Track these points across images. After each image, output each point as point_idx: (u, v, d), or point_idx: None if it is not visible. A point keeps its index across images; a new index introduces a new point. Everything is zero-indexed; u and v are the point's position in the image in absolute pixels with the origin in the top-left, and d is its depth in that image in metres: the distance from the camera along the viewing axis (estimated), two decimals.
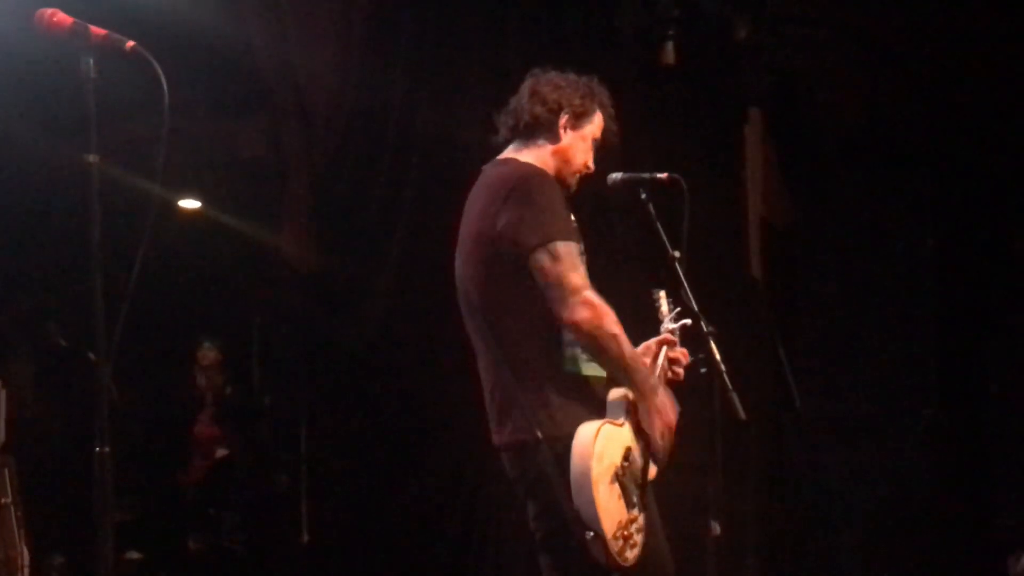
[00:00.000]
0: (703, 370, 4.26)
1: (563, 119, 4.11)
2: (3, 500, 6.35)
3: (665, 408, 3.97)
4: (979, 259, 7.19)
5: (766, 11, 6.83)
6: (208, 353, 9.30)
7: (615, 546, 3.77)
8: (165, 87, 3.34)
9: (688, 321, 4.28)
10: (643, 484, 3.95)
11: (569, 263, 3.85)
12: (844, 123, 7.29)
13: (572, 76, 4.20)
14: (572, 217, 4.04)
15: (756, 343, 7.08)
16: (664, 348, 4.25)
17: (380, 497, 7.73)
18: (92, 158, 3.31)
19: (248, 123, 8.95)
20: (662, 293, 4.36)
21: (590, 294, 3.85)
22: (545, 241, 3.86)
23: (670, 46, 6.71)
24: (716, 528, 4.51)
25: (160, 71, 3.33)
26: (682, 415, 4.12)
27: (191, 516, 8.98)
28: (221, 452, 9.11)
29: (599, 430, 3.82)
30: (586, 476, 3.74)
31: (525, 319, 3.93)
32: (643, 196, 4.41)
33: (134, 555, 8.41)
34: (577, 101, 4.13)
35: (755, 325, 7.16)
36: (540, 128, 4.12)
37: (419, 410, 7.60)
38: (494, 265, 3.96)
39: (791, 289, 7.50)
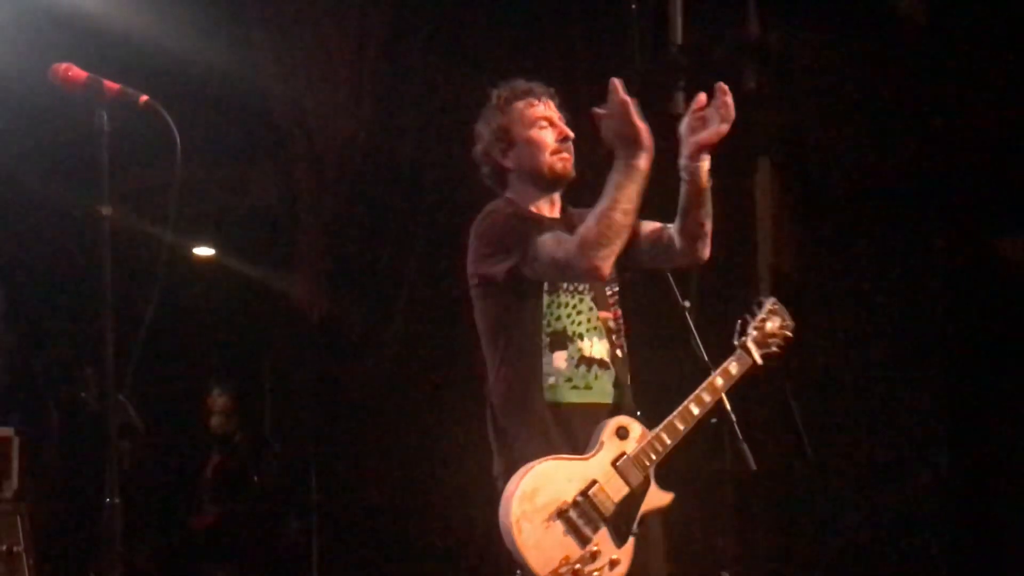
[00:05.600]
0: (713, 420, 4.25)
1: (496, 155, 4.12)
2: (16, 548, 6.36)
3: (642, 139, 3.86)
4: (989, 306, 7.19)
5: (774, 61, 6.86)
6: (219, 398, 9.30)
7: None
8: (178, 139, 3.38)
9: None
10: (619, 517, 3.84)
11: (548, 249, 3.83)
12: (853, 171, 7.30)
13: (486, 109, 4.20)
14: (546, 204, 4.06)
15: (767, 392, 7.06)
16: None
17: (391, 541, 7.73)
18: (105, 210, 3.35)
19: (260, 170, 9.02)
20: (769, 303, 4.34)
21: (575, 243, 3.78)
22: (515, 266, 3.88)
23: (679, 96, 6.75)
24: None
25: (172, 124, 3.37)
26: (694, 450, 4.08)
27: (202, 560, 8.97)
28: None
29: (530, 468, 3.77)
30: (507, 517, 3.73)
31: (504, 351, 3.96)
32: None
33: None
34: (495, 129, 4.12)
35: (765, 374, 7.14)
36: (498, 177, 4.15)
37: (429, 454, 7.61)
38: (477, 300, 4.04)
39: (801, 337, 7.47)
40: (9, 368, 8.38)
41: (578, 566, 3.74)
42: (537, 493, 3.74)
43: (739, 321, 4.24)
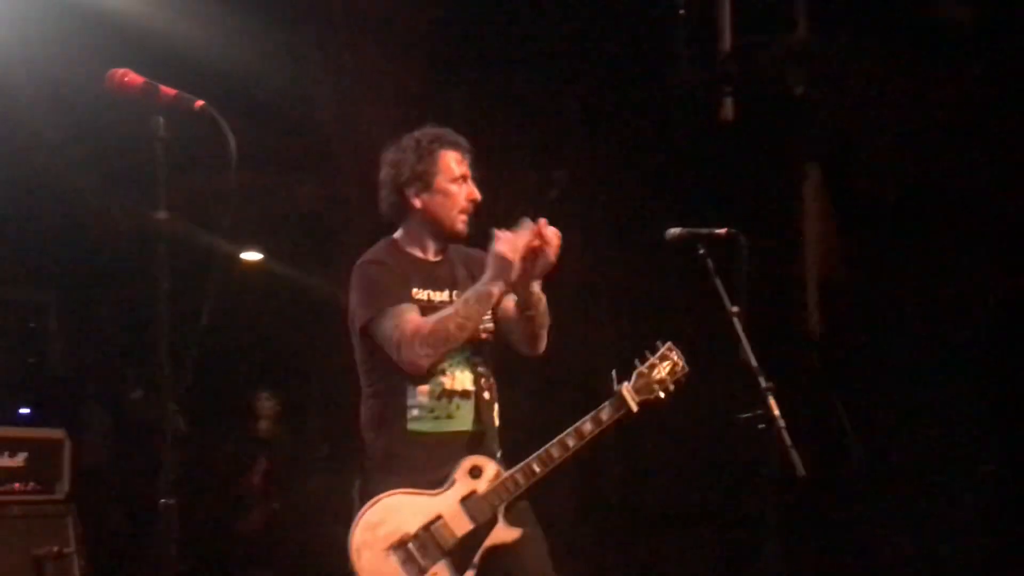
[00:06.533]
0: (761, 426, 4.25)
1: (409, 194, 4.28)
2: (66, 549, 6.41)
3: (504, 254, 4.06)
4: None
5: (823, 68, 6.85)
6: (266, 403, 9.35)
7: None
8: (233, 145, 3.40)
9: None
10: (459, 551, 4.06)
11: (387, 327, 4.10)
12: (901, 178, 7.27)
13: (407, 140, 4.34)
14: (428, 275, 4.24)
15: (815, 399, 7.05)
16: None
17: None
18: (162, 215, 3.38)
19: (309, 176, 9.07)
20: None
21: (406, 334, 4.06)
22: (368, 322, 4.14)
23: (729, 103, 6.75)
24: None
25: (228, 129, 3.39)
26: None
27: (249, 565, 9.01)
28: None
29: (378, 500, 4.06)
30: (350, 543, 4.03)
31: (374, 386, 4.24)
32: (701, 251, 4.43)
33: None
34: (416, 168, 4.28)
35: (813, 381, 7.13)
36: (398, 210, 4.33)
37: None
38: (354, 337, 4.27)
39: (849, 344, 7.46)
40: (61, 371, 8.46)
41: None
42: (381, 524, 4.04)
43: (613, 371, 4.30)
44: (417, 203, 4.28)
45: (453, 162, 4.31)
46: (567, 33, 7.66)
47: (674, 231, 4.48)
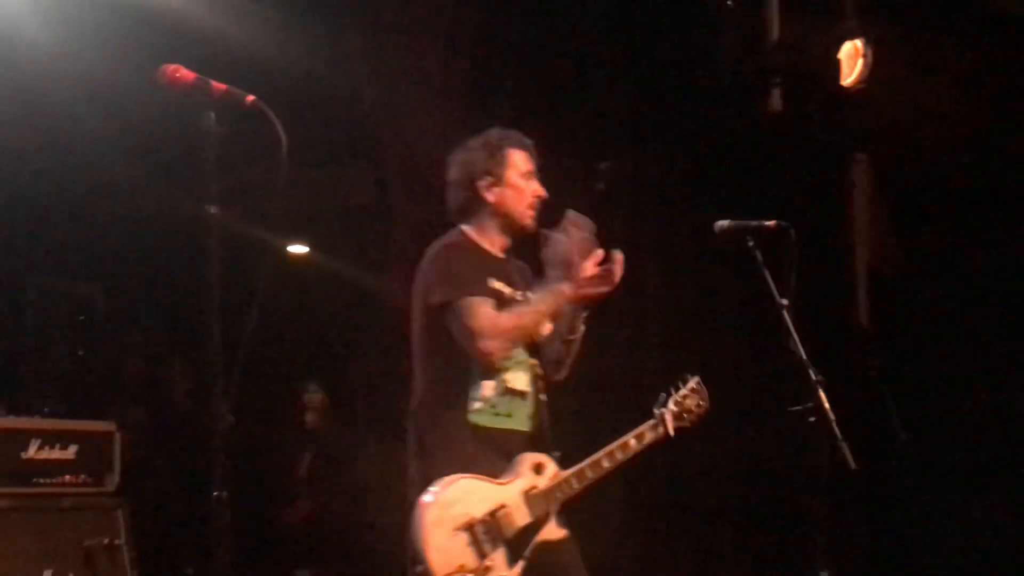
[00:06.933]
0: (812, 419, 4.24)
1: (482, 188, 4.41)
2: (116, 541, 6.46)
3: (574, 273, 4.26)
4: None
5: (872, 58, 6.80)
6: (314, 395, 9.39)
7: None
8: (283, 139, 3.42)
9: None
10: (517, 541, 4.17)
11: (468, 314, 4.19)
12: (952, 169, 7.22)
13: (476, 141, 4.49)
14: (499, 268, 4.37)
15: (865, 392, 7.02)
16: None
17: None
18: (213, 209, 3.40)
19: (355, 170, 9.10)
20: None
21: (486, 326, 4.17)
22: (448, 301, 4.23)
23: (777, 93, 6.73)
24: None
25: (278, 124, 3.41)
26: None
27: (295, 557, 9.05)
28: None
29: (454, 481, 4.14)
30: (420, 516, 4.09)
31: (438, 372, 4.31)
32: (750, 243, 4.45)
33: None
34: (487, 164, 4.43)
35: (864, 374, 7.10)
36: (470, 205, 4.45)
37: None
38: (420, 319, 4.36)
39: (899, 337, 7.42)
40: (104, 364, 8.52)
41: None
42: (454, 504, 4.13)
43: (662, 393, 4.48)
44: (490, 197, 4.42)
45: (521, 160, 4.47)
46: (614, 24, 7.65)
47: (723, 224, 4.50)
